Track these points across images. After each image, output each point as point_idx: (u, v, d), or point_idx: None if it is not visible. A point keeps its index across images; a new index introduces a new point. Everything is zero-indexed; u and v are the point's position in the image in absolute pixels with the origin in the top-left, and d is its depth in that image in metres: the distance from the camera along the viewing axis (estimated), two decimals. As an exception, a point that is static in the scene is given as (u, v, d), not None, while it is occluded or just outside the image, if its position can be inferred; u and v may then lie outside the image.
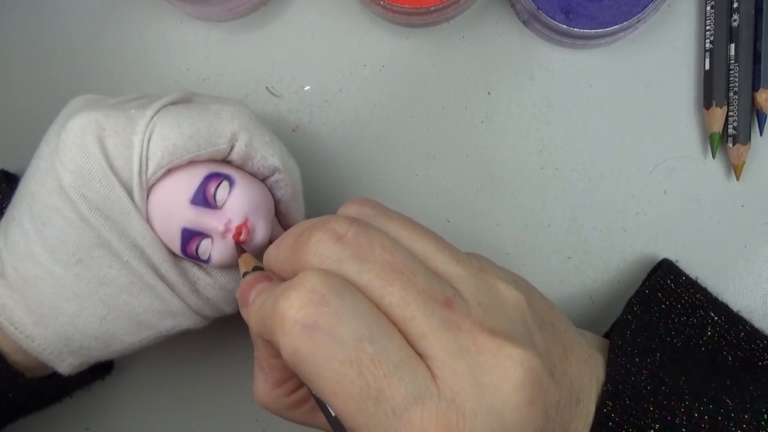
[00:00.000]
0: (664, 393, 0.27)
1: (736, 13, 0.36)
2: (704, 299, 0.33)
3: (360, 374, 0.21)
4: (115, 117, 0.28)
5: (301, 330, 0.21)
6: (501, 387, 0.22)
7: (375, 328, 0.21)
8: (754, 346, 0.32)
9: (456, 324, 0.22)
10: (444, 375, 0.21)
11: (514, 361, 0.22)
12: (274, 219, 0.32)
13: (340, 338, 0.21)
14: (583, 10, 0.35)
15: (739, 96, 0.36)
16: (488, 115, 0.38)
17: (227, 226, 0.29)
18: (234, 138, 0.29)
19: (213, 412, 0.38)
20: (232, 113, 0.30)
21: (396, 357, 0.21)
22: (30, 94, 0.39)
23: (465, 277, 0.24)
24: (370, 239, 0.23)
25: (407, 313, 0.22)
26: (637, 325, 0.31)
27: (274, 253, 0.25)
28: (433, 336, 0.22)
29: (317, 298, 0.21)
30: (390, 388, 0.21)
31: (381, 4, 0.35)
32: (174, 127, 0.28)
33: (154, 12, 0.39)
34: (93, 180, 0.28)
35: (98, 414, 0.38)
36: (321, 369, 0.21)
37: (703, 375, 0.29)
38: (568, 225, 0.38)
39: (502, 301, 0.24)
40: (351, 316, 0.21)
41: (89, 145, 0.27)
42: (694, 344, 0.32)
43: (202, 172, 0.29)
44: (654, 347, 0.29)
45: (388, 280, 0.22)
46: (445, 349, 0.22)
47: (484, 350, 0.22)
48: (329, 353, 0.21)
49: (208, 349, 0.38)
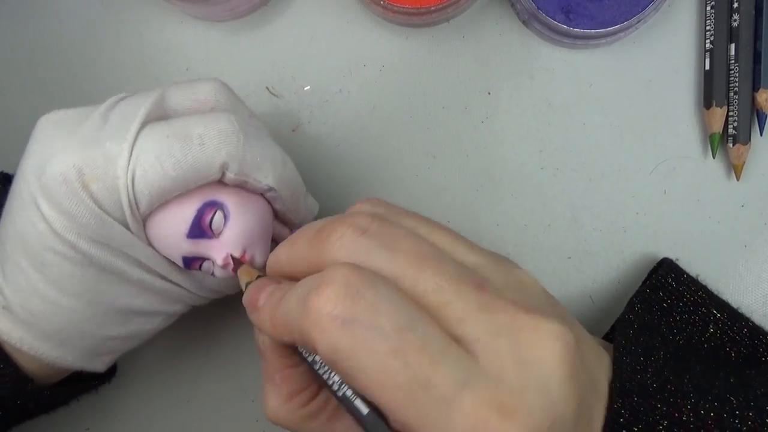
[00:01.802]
0: (669, 391, 0.27)
1: (736, 13, 0.36)
2: (706, 297, 0.33)
3: (406, 364, 0.20)
4: (93, 158, 0.26)
5: (340, 325, 0.21)
6: (545, 362, 0.21)
7: (413, 316, 0.21)
8: (757, 342, 0.32)
9: (491, 305, 0.22)
10: (488, 356, 0.21)
11: (553, 336, 0.22)
12: (275, 223, 0.32)
13: (382, 330, 0.20)
14: (583, 10, 0.35)
15: (739, 96, 0.36)
16: (488, 115, 0.38)
17: (225, 260, 0.29)
18: (224, 167, 0.28)
19: (213, 412, 0.38)
20: (218, 140, 0.27)
21: (439, 343, 0.21)
22: (30, 95, 0.39)
23: (487, 264, 0.24)
24: (393, 230, 0.23)
25: (442, 298, 0.22)
26: (640, 324, 0.31)
27: (287, 253, 0.25)
28: (472, 318, 0.21)
29: (352, 292, 0.21)
30: (437, 375, 0.20)
31: (381, 4, 0.35)
32: (157, 169, 0.26)
33: (154, 12, 0.39)
34: (87, 222, 0.27)
35: (98, 414, 0.38)
36: (365, 363, 0.20)
37: (706, 372, 0.29)
38: (568, 225, 0.38)
39: (526, 285, 0.24)
40: (388, 306, 0.21)
41: (75, 191, 0.26)
42: (696, 341, 0.32)
43: (196, 203, 0.28)
44: (657, 346, 0.29)
45: (420, 267, 0.22)
46: (485, 329, 0.21)
47: (523, 327, 0.22)
48: (372, 346, 0.20)
49: (208, 349, 0.38)
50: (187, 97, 0.29)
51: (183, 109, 0.29)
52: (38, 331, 0.29)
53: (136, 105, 0.28)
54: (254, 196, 0.30)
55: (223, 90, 0.30)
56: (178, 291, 0.31)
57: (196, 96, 0.29)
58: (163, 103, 0.28)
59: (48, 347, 0.29)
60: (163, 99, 0.28)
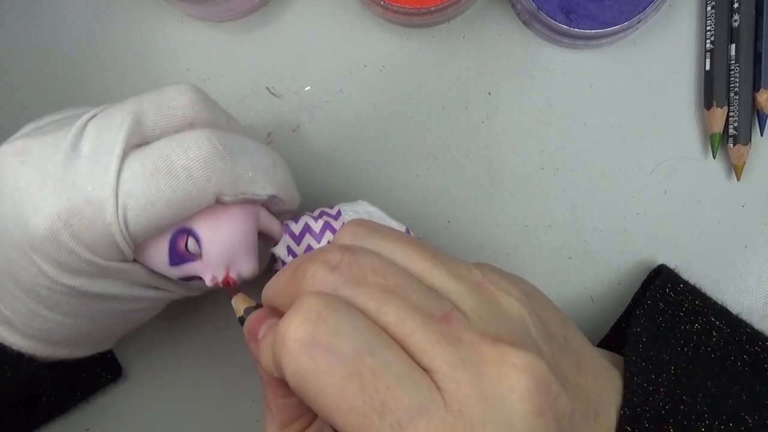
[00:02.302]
0: (683, 413, 0.26)
1: (736, 14, 0.36)
2: (704, 305, 0.33)
3: (362, 387, 0.21)
4: (77, 207, 0.25)
5: (300, 347, 0.21)
6: (507, 396, 0.21)
7: (374, 341, 0.21)
8: (758, 348, 0.32)
9: (456, 337, 0.22)
10: (448, 387, 0.21)
11: (518, 369, 0.21)
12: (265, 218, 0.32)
13: (340, 352, 0.21)
14: (584, 11, 0.35)
15: (739, 96, 0.36)
16: (488, 115, 0.38)
17: (213, 282, 0.29)
18: (218, 194, 0.27)
19: (213, 413, 0.38)
20: (204, 170, 0.26)
21: (398, 368, 0.21)
22: (30, 95, 0.39)
23: (463, 292, 0.24)
24: (362, 265, 0.23)
25: (405, 329, 0.22)
26: (648, 337, 0.31)
27: (273, 288, 0.26)
28: (433, 350, 0.21)
29: (314, 316, 0.21)
30: (394, 400, 0.20)
31: (381, 4, 0.35)
32: (150, 211, 0.26)
33: (154, 12, 0.39)
34: (81, 266, 0.26)
35: (99, 414, 0.38)
36: (323, 385, 0.21)
37: (719, 388, 0.28)
38: (568, 225, 0.38)
39: (503, 314, 0.24)
40: (349, 330, 0.21)
41: (66, 243, 0.25)
42: (702, 352, 0.32)
43: (167, 233, 0.28)
44: (667, 360, 0.29)
45: (383, 301, 0.22)
46: (446, 361, 0.21)
47: (487, 360, 0.22)
48: (330, 368, 0.21)
49: (208, 349, 0.38)
50: (164, 115, 0.27)
51: (160, 129, 0.27)
52: (46, 341, 0.30)
53: (110, 132, 0.26)
54: (228, 209, 0.28)
55: (199, 100, 0.28)
56: (170, 295, 0.31)
57: (173, 112, 0.27)
58: (138, 128, 0.27)
59: (58, 350, 0.30)
60: (138, 123, 0.27)
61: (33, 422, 0.35)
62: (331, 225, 0.31)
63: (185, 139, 0.26)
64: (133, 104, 0.27)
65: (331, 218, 0.32)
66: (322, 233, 0.31)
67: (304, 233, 0.31)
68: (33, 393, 0.32)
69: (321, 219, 0.32)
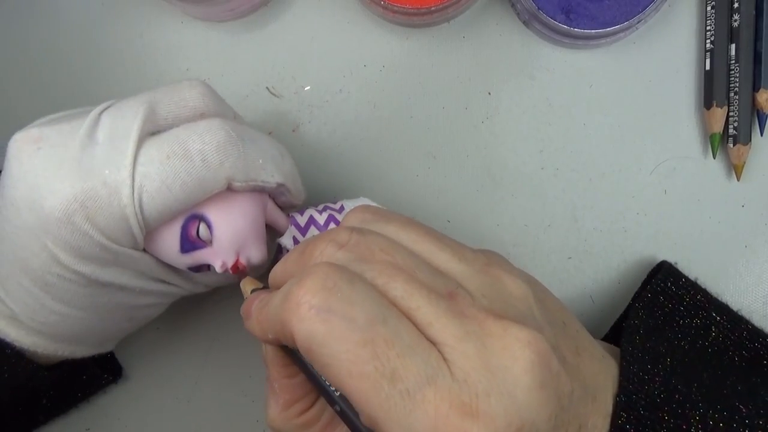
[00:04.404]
0: (677, 401, 0.27)
1: (736, 14, 0.36)
2: (705, 300, 0.33)
3: (374, 354, 0.21)
4: (94, 189, 0.26)
5: (316, 314, 0.22)
6: (511, 368, 0.22)
7: (387, 313, 0.22)
8: (758, 344, 0.32)
9: (460, 311, 0.22)
10: (454, 358, 0.22)
11: (521, 342, 0.22)
12: (272, 211, 0.32)
13: (354, 320, 0.21)
14: (584, 11, 0.35)
15: (739, 96, 0.36)
16: (488, 115, 0.38)
17: (222, 267, 0.29)
18: (230, 179, 0.28)
19: (213, 412, 0.38)
20: (218, 154, 0.27)
21: (408, 338, 0.22)
22: (30, 95, 0.39)
23: (468, 273, 0.24)
24: (370, 244, 0.24)
25: (412, 303, 0.22)
26: (645, 329, 0.31)
27: (281, 269, 0.26)
28: (439, 322, 0.22)
29: (330, 284, 0.22)
30: (404, 368, 0.21)
31: (381, 4, 0.35)
32: (165, 193, 0.26)
33: (154, 12, 0.39)
34: (93, 251, 0.27)
35: (99, 414, 0.38)
36: (336, 351, 0.21)
37: (714, 379, 0.29)
38: (568, 225, 0.38)
39: (507, 295, 0.24)
40: (363, 300, 0.22)
41: (80, 225, 0.26)
42: (700, 346, 0.32)
43: (179, 220, 0.28)
44: (664, 352, 0.29)
45: (391, 276, 0.23)
46: (452, 333, 0.22)
47: (491, 333, 0.22)
48: (344, 335, 0.21)
49: (208, 349, 0.38)
50: (176, 105, 0.28)
51: (173, 118, 0.28)
52: (50, 336, 0.30)
53: (125, 120, 0.27)
54: (238, 196, 0.29)
55: (209, 93, 0.29)
56: (177, 290, 0.31)
57: (185, 103, 0.28)
58: (152, 116, 0.28)
59: (61, 348, 0.30)
60: (152, 111, 0.28)
61: (32, 422, 0.35)
62: (335, 218, 0.32)
63: (199, 126, 0.27)
64: (146, 95, 0.28)
65: (335, 212, 0.33)
66: (326, 225, 0.32)
67: (309, 225, 0.32)
68: (32, 394, 0.32)
69: (325, 212, 0.32)
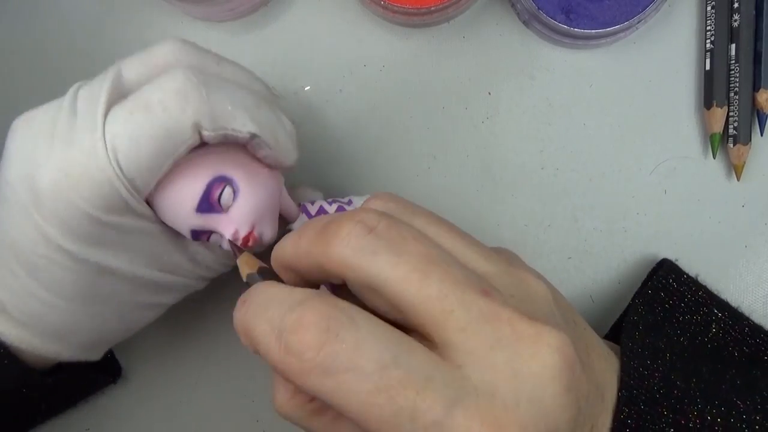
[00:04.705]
0: (676, 396, 0.27)
1: (736, 14, 0.36)
2: (706, 296, 0.33)
3: (390, 399, 0.20)
4: (74, 158, 0.26)
5: (322, 373, 0.21)
6: (540, 374, 0.21)
7: (396, 349, 0.21)
8: (759, 340, 0.32)
9: (495, 313, 0.22)
10: (482, 369, 0.21)
11: (552, 348, 0.22)
12: (285, 194, 0.32)
13: (363, 371, 0.20)
14: (584, 11, 0.35)
15: (739, 96, 0.36)
16: (488, 115, 0.38)
17: (234, 236, 0.29)
18: (196, 126, 0.26)
19: (213, 412, 0.38)
20: (179, 101, 0.26)
21: (424, 370, 0.21)
22: (30, 95, 0.39)
23: (496, 272, 0.24)
24: (402, 231, 0.23)
25: (446, 305, 0.22)
26: (644, 325, 0.31)
27: (293, 246, 0.24)
28: (471, 329, 0.21)
29: (331, 335, 0.21)
30: (425, 402, 0.20)
31: (381, 4, 0.35)
32: (135, 149, 0.26)
33: (154, 12, 0.39)
34: (82, 227, 0.26)
35: (98, 414, 0.38)
36: (348, 403, 0.21)
37: (713, 375, 0.29)
38: (568, 225, 0.38)
39: (533, 294, 0.24)
40: (369, 343, 0.21)
41: (68, 198, 0.26)
42: (700, 342, 0.32)
43: (205, 177, 0.28)
44: (663, 347, 0.29)
45: (425, 272, 0.22)
46: (482, 342, 0.21)
47: (524, 337, 0.22)
48: (355, 387, 0.20)
49: (208, 349, 0.38)
50: (145, 65, 0.28)
51: (145, 79, 0.27)
52: (36, 330, 0.29)
53: (95, 88, 0.27)
54: (263, 171, 0.29)
55: (182, 48, 0.28)
56: (172, 279, 0.30)
57: (154, 62, 0.28)
58: (120, 79, 0.27)
59: (46, 344, 0.29)
60: (120, 75, 0.27)
61: (28, 424, 0.34)
62: (345, 209, 0.32)
63: (160, 77, 0.27)
64: (117, 62, 0.28)
65: (344, 204, 0.33)
66: None
67: (320, 214, 0.32)
68: (26, 398, 0.31)
69: (335, 203, 0.32)
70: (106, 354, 0.34)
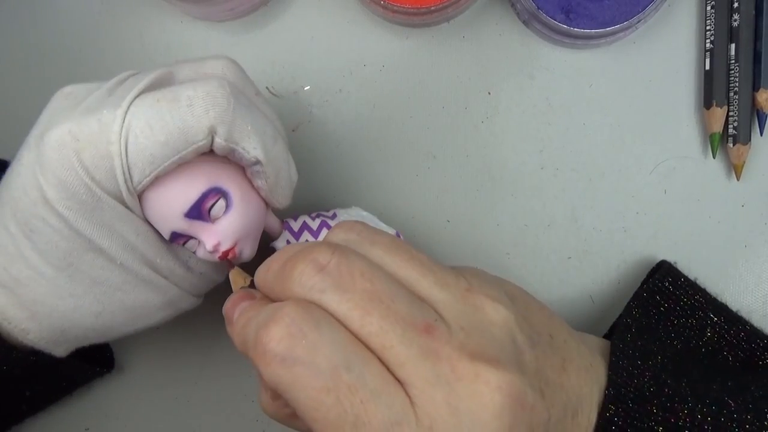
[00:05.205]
0: (666, 395, 0.27)
1: (736, 13, 0.36)
2: (703, 300, 0.33)
3: (337, 401, 0.22)
4: (88, 125, 0.26)
5: (281, 362, 0.22)
6: (479, 414, 0.22)
7: (352, 357, 0.22)
8: (754, 345, 0.32)
9: (434, 351, 0.22)
10: (422, 402, 0.22)
11: (491, 387, 0.22)
12: (270, 213, 0.32)
13: (317, 367, 0.22)
14: (584, 10, 0.35)
15: (739, 96, 0.36)
16: (488, 115, 0.38)
17: (215, 248, 0.29)
18: (211, 132, 0.27)
19: (213, 412, 0.38)
20: (206, 102, 0.27)
21: (373, 383, 0.22)
22: (30, 95, 0.39)
23: (449, 301, 0.24)
24: (350, 268, 0.24)
25: (386, 342, 0.22)
26: (637, 327, 0.31)
27: (263, 276, 0.26)
28: (411, 364, 0.22)
29: (295, 331, 0.22)
30: (367, 414, 0.21)
31: (381, 4, 0.35)
32: (147, 134, 0.26)
33: (154, 12, 0.39)
34: (77, 193, 0.26)
35: (98, 414, 0.38)
36: (300, 397, 0.22)
37: (704, 376, 0.29)
38: (568, 225, 0.38)
39: (487, 324, 0.24)
40: (327, 346, 0.22)
41: (68, 159, 0.26)
42: (694, 346, 0.32)
43: (201, 186, 0.28)
44: (655, 350, 0.29)
45: (367, 310, 0.23)
46: (422, 377, 0.22)
47: (463, 377, 0.22)
48: (307, 382, 0.22)
49: (208, 348, 0.38)
50: (195, 71, 0.29)
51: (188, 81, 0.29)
52: (14, 297, 0.28)
53: (141, 77, 0.28)
54: (253, 194, 0.30)
55: (231, 66, 0.30)
56: (164, 284, 0.30)
57: (204, 70, 0.29)
58: (170, 78, 0.29)
59: (18, 315, 0.29)
60: (171, 74, 0.29)
61: (15, 408, 0.34)
62: (328, 223, 0.33)
63: (198, 79, 0.28)
64: (173, 64, 0.30)
65: (328, 218, 0.33)
66: (319, 231, 0.32)
67: (303, 230, 0.33)
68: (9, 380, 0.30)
69: (318, 218, 0.33)
70: (100, 345, 0.33)
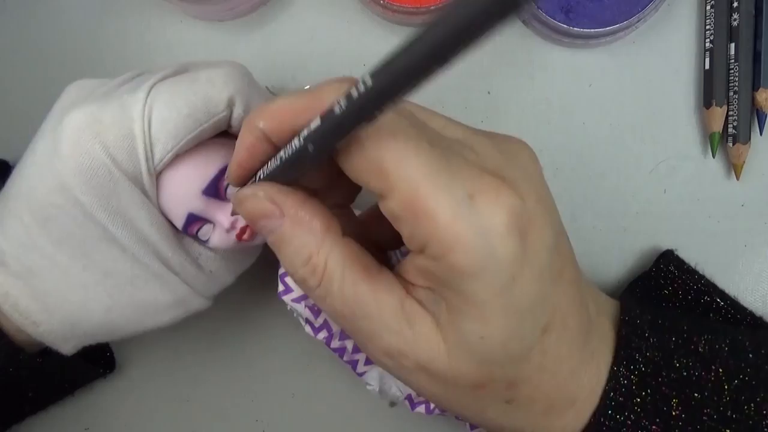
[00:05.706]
0: (683, 330, 0.28)
1: (735, 13, 0.36)
2: (707, 286, 0.34)
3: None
4: (110, 107, 0.27)
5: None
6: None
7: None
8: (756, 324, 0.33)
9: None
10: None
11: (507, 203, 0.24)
12: None
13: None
14: (583, 10, 0.35)
15: (739, 95, 0.36)
16: (488, 115, 0.38)
17: (233, 225, 0.29)
18: (231, 103, 0.28)
19: (213, 412, 0.38)
20: (225, 78, 0.28)
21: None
22: (30, 95, 0.39)
23: (477, 136, 0.26)
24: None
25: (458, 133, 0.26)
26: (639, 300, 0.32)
27: (290, 101, 0.24)
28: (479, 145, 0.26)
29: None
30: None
31: (381, 4, 0.35)
32: (170, 107, 0.27)
33: (154, 12, 0.39)
34: (96, 177, 0.27)
35: (98, 413, 0.38)
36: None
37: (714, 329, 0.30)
38: (568, 225, 0.37)
39: (514, 153, 0.26)
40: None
41: (88, 142, 0.27)
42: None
43: (218, 163, 0.29)
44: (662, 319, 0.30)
45: (428, 115, 0.26)
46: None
47: (484, 190, 0.23)
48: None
49: (208, 348, 0.38)
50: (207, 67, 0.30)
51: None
52: (28, 288, 0.28)
53: (157, 70, 0.29)
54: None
55: (244, 68, 0.31)
56: (174, 280, 0.29)
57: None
58: (185, 71, 0.30)
59: (31, 306, 0.29)
60: (185, 68, 0.30)
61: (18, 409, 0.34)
62: None
63: (213, 63, 0.30)
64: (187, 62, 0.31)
65: None
66: None
67: None
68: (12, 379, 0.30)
69: None
70: (101, 346, 0.33)
